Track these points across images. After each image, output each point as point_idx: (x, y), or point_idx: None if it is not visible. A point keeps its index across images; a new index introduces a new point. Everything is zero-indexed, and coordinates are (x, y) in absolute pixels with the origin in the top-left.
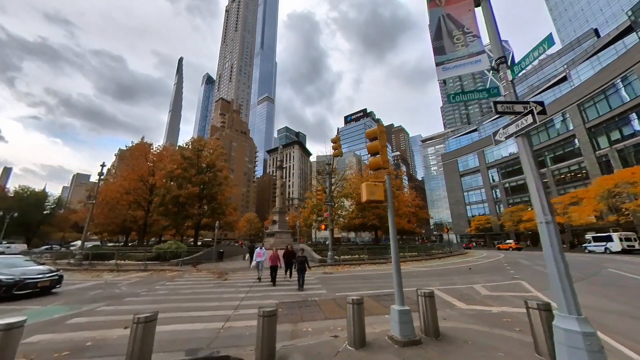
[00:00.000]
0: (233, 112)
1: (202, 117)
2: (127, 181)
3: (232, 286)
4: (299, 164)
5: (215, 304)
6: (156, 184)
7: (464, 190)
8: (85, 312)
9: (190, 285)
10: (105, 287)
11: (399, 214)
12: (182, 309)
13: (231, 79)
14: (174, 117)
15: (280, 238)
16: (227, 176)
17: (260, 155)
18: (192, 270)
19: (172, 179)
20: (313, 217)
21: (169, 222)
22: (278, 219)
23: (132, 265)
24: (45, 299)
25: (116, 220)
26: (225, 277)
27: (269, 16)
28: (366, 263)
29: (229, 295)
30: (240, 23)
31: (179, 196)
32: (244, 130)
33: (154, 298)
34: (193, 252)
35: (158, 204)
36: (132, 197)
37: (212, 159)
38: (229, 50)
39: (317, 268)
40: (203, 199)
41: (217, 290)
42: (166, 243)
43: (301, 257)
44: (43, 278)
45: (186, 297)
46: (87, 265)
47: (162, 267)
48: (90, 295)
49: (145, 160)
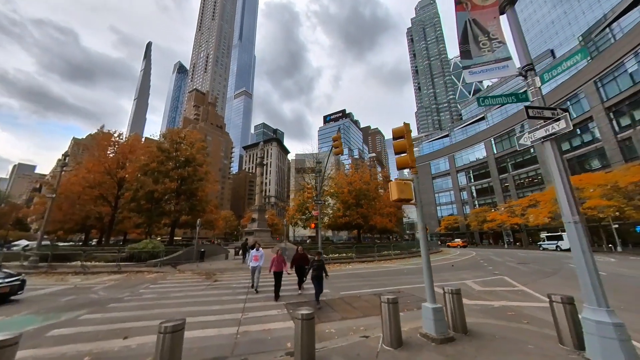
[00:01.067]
0: (208, 105)
1: (172, 108)
2: (91, 174)
3: (226, 288)
4: (277, 161)
5: (217, 308)
6: (126, 178)
7: (435, 192)
8: (67, 322)
9: (180, 288)
10: (78, 292)
11: (382, 214)
12: (183, 314)
13: (206, 69)
14: (140, 105)
15: (259, 237)
16: (207, 171)
17: (236, 151)
18: (173, 271)
19: (147, 173)
20: (298, 215)
21: (142, 219)
22: (257, 217)
23: (102, 266)
24: (6, 307)
25: (75, 217)
26: (214, 278)
27: (248, 6)
28: (355, 261)
29: (228, 297)
30: (218, 11)
31: (154, 191)
32: (219, 124)
33: (142, 303)
34: (171, 251)
35: (129, 200)
36: (98, 192)
37: (193, 152)
38: (205, 39)
39: None
40: (181, 195)
41: (212, 292)
42: (141, 242)
43: (317, 261)
44: (1, 283)
45: (181, 301)
46: (47, 268)
47: (139, 268)
48: (63, 302)
49: (113, 151)
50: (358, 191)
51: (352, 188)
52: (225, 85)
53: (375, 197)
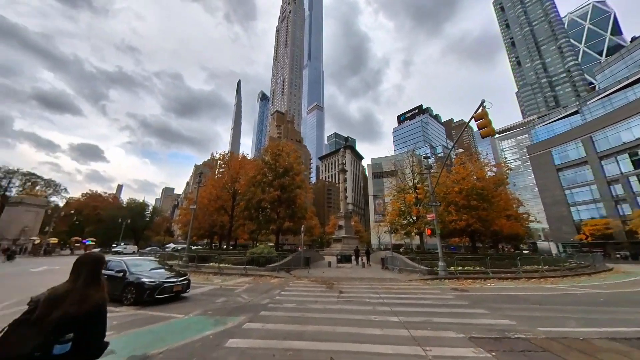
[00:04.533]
0: (287, 123)
1: (259, 131)
2: (213, 189)
3: (361, 302)
4: (352, 168)
5: (377, 332)
6: (239, 190)
7: (565, 188)
8: (235, 331)
9: (312, 298)
10: (225, 294)
11: (509, 216)
12: (342, 336)
13: (283, 92)
14: (235, 132)
15: (347, 244)
16: (303, 179)
17: (313, 163)
18: (289, 277)
19: (255, 184)
20: (399, 220)
21: (255, 226)
22: (344, 224)
23: (232, 268)
24: (180, 304)
25: (205, 225)
26: (336, 287)
27: (314, 26)
28: (492, 278)
29: (377, 317)
30: (290, 39)
31: (261, 200)
32: (298, 139)
33: (290, 315)
34: (280, 257)
35: (243, 209)
36: (218, 204)
37: (290, 161)
38: (280, 66)
39: (432, 282)
40: (282, 203)
41: (351, 308)
42: (258, 247)
43: None
44: (177, 282)
45: (325, 316)
46: (194, 267)
47: (261, 272)
48: (220, 304)
49: (228, 168)
50: (470, 190)
51: (462, 186)
52: (299, 103)
53: (493, 196)
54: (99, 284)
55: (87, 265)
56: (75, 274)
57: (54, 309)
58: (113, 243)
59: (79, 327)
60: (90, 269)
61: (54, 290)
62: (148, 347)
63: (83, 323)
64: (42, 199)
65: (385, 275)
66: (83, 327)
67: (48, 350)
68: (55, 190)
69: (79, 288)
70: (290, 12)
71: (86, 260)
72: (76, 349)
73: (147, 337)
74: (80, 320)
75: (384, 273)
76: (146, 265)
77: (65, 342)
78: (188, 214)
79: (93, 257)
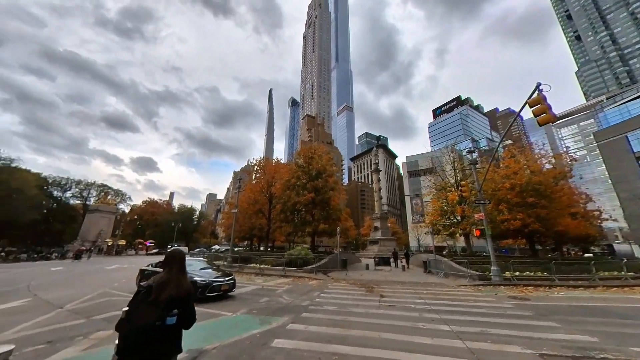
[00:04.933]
0: (318, 126)
1: (290, 136)
2: (251, 193)
3: (405, 308)
4: (385, 167)
5: (428, 342)
6: (275, 194)
7: None
8: (280, 331)
9: (352, 302)
10: (268, 294)
11: (575, 215)
12: (389, 344)
13: (313, 96)
14: (269, 139)
15: (384, 246)
16: (336, 181)
17: (344, 164)
18: (327, 279)
19: (289, 187)
20: (442, 220)
21: (291, 228)
22: (380, 225)
23: (271, 269)
24: (227, 303)
25: (245, 228)
26: (376, 291)
27: (340, 27)
28: (558, 286)
29: (425, 325)
30: (317, 44)
31: (296, 203)
32: (329, 141)
33: (331, 317)
34: (316, 259)
35: (279, 212)
36: (257, 207)
37: (322, 164)
38: (309, 71)
39: (484, 288)
40: (317, 205)
41: (395, 314)
42: (295, 249)
43: None
44: (224, 282)
45: (368, 321)
46: (237, 268)
47: (299, 274)
48: (264, 303)
49: (264, 173)
50: (524, 185)
51: (514, 182)
52: (329, 105)
53: (554, 192)
54: (185, 273)
55: (177, 259)
56: (169, 266)
57: (162, 292)
58: (168, 244)
59: (180, 304)
60: (179, 262)
61: (159, 279)
62: (203, 342)
63: (182, 302)
64: (113, 207)
65: (428, 279)
66: (182, 305)
67: (163, 320)
68: (122, 199)
69: (174, 276)
70: (316, 17)
71: (176, 255)
72: (179, 321)
73: (201, 332)
74: (180, 299)
75: (427, 277)
76: (197, 265)
77: (173, 315)
78: (230, 218)
79: (180, 253)
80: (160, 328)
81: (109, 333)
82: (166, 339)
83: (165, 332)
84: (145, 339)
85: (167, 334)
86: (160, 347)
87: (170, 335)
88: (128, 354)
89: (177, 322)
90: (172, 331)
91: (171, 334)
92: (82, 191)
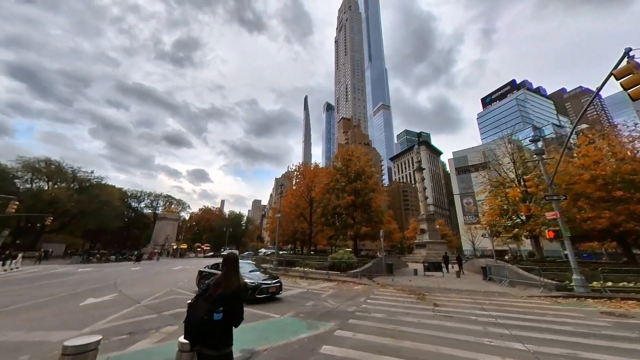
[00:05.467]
0: (354, 127)
1: (327, 140)
2: (293, 198)
3: (464, 320)
4: (428, 165)
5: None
6: (314, 198)
7: None
8: (327, 336)
9: (401, 310)
10: (313, 298)
11: None
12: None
13: (347, 99)
14: (306, 145)
15: (433, 249)
16: (376, 182)
17: (384, 165)
18: (372, 284)
19: (329, 191)
20: (502, 221)
21: (333, 232)
22: (427, 228)
23: (315, 273)
24: (274, 305)
25: (288, 232)
26: (428, 299)
27: (372, 25)
28: None
29: (492, 341)
30: (349, 46)
31: (336, 206)
32: (366, 142)
33: (380, 326)
34: (360, 263)
35: (320, 215)
36: (298, 212)
37: (361, 165)
38: (342, 74)
39: (565, 301)
40: (358, 208)
41: (452, 325)
42: (338, 253)
43: None
44: (271, 284)
45: (422, 332)
46: (283, 270)
47: (343, 278)
48: (309, 307)
49: (303, 178)
50: (610, 176)
51: (596, 173)
52: (364, 106)
53: None
54: (238, 274)
55: (231, 261)
56: (225, 267)
57: (216, 290)
58: (222, 248)
59: (227, 302)
60: (232, 263)
61: (216, 278)
62: (254, 343)
63: (229, 300)
64: (176, 215)
65: (490, 287)
66: (229, 303)
67: (211, 315)
68: (182, 207)
69: (227, 276)
70: (346, 20)
71: (231, 258)
72: (225, 317)
73: (252, 333)
74: (228, 297)
75: (487, 285)
76: (246, 268)
77: (219, 312)
78: (274, 222)
79: (234, 255)
80: (208, 321)
81: (175, 328)
82: (214, 332)
83: (213, 326)
84: (196, 329)
85: (215, 328)
86: (209, 338)
87: (218, 330)
88: (188, 339)
89: (224, 318)
90: (220, 326)
91: (218, 329)
92: (152, 202)
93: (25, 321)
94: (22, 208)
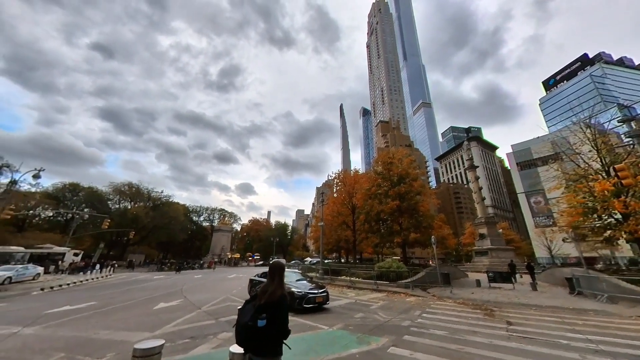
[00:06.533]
0: (393, 130)
1: (365, 145)
2: (335, 206)
3: (550, 343)
4: (482, 162)
5: None
6: (357, 205)
7: None
8: (380, 354)
9: (466, 327)
10: (362, 309)
11: None
12: None
13: (384, 101)
14: (345, 151)
15: (497, 257)
16: (422, 185)
17: (430, 166)
18: (427, 295)
19: (370, 197)
20: (585, 221)
21: (378, 239)
22: (487, 232)
23: (362, 282)
24: (322, 315)
25: (332, 240)
26: (496, 313)
27: (404, 23)
28: None
29: None
30: (381, 49)
31: (380, 212)
32: (407, 143)
33: (443, 345)
34: (410, 272)
35: (363, 222)
36: (341, 219)
37: (403, 167)
38: (376, 77)
39: None
40: (404, 213)
41: (536, 350)
42: (386, 262)
43: None
44: (318, 294)
45: (498, 356)
46: (329, 280)
47: (393, 288)
48: (359, 320)
49: (344, 185)
50: None
51: None
52: (402, 107)
53: None
54: (282, 282)
55: (276, 270)
56: (271, 276)
57: (262, 297)
58: (270, 257)
59: (271, 309)
60: (278, 273)
61: (262, 286)
62: (304, 356)
63: (272, 308)
64: (229, 226)
65: (581, 304)
66: (273, 310)
67: (255, 322)
68: (234, 220)
69: (272, 285)
70: (377, 23)
71: (277, 266)
72: (268, 325)
73: (302, 345)
74: (271, 306)
75: (576, 301)
76: (292, 277)
77: (262, 319)
78: (317, 231)
79: (280, 264)
80: (252, 327)
81: (230, 335)
82: (258, 338)
83: (258, 333)
84: (242, 334)
85: (259, 335)
86: (257, 345)
87: (262, 336)
88: (239, 345)
89: (267, 325)
90: (265, 333)
91: (263, 335)
92: (209, 215)
93: (115, 321)
94: (113, 224)
